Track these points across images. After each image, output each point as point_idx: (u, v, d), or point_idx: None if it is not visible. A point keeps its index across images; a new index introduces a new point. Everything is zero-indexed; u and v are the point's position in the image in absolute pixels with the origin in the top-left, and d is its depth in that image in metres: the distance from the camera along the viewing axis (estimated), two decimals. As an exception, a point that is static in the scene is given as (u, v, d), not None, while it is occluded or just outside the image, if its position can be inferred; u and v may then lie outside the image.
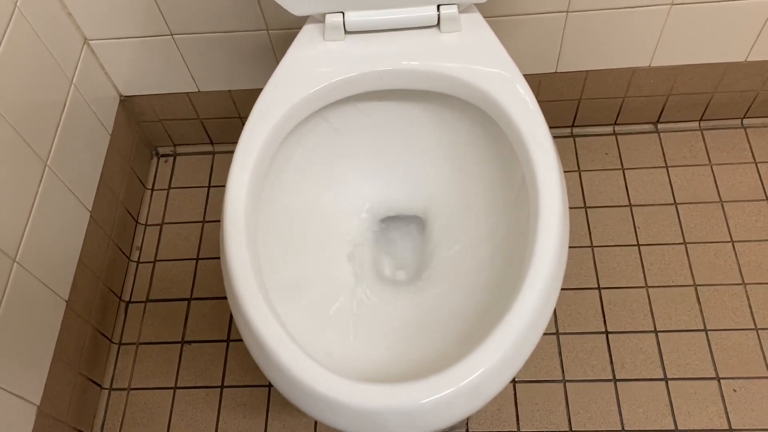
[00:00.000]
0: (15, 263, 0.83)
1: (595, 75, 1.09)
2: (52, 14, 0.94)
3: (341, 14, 0.77)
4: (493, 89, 0.74)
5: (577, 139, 1.20)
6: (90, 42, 1.03)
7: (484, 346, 0.60)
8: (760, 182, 1.12)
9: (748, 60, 1.06)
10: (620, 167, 1.16)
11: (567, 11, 0.97)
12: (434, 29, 0.78)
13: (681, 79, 1.09)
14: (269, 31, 1.01)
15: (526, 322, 0.61)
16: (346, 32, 0.79)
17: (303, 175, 0.82)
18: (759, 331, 1.00)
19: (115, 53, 1.05)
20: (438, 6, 0.76)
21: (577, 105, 1.15)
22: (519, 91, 0.74)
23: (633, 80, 1.10)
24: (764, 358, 0.98)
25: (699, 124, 1.18)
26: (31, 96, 0.89)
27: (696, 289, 1.04)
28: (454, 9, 0.77)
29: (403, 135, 0.84)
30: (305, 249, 0.81)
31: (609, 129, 1.20)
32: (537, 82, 1.10)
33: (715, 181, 1.13)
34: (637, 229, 1.10)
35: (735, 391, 0.96)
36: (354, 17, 0.77)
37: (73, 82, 0.99)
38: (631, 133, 1.19)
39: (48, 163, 0.92)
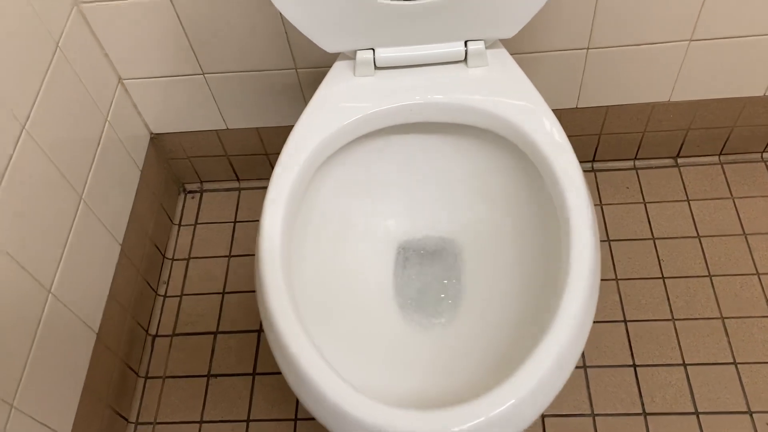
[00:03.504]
0: (50, 294, 0.85)
1: (615, 110, 1.11)
2: (90, 54, 0.98)
3: (371, 51, 0.80)
4: (521, 121, 0.76)
5: (598, 173, 1.21)
6: (124, 81, 1.07)
7: (515, 376, 0.60)
8: (783, 215, 1.12)
9: (766, 95, 1.07)
10: (642, 201, 1.17)
11: (587, 48, 1.00)
12: (461, 64, 0.81)
13: (700, 114, 1.11)
14: (297, 70, 1.04)
15: (557, 356, 0.61)
16: (376, 68, 0.81)
17: (335, 207, 0.83)
18: (789, 363, 0.99)
19: (147, 92, 1.09)
20: (465, 42, 0.79)
21: (597, 140, 1.17)
22: (546, 123, 0.76)
23: (653, 115, 1.12)
24: (796, 391, 0.97)
25: (719, 158, 1.20)
26: (69, 132, 0.92)
27: (723, 322, 1.03)
28: (481, 45, 0.79)
29: (433, 167, 0.86)
30: (337, 279, 0.82)
31: (630, 164, 1.21)
32: (557, 117, 1.12)
33: (738, 214, 1.13)
34: (661, 261, 1.10)
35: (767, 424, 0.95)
36: (384, 53, 0.80)
37: (108, 119, 1.03)
38: (651, 168, 1.20)
39: (83, 197, 0.94)
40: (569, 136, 1.15)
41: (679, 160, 1.21)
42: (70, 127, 0.92)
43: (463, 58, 0.80)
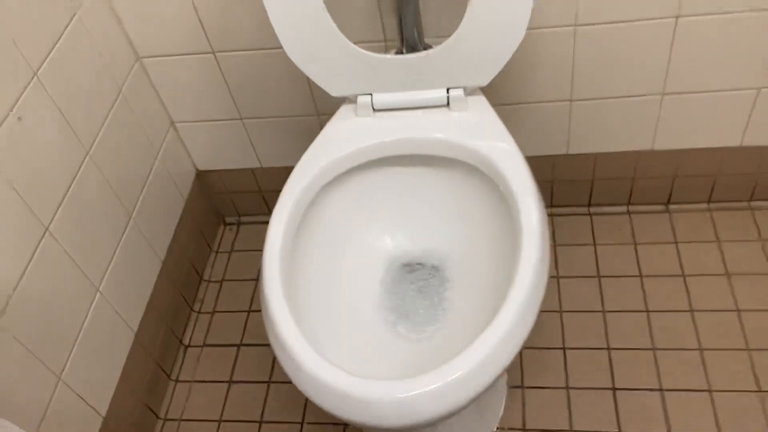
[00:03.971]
0: (98, 292, 1.02)
1: (604, 157, 1.23)
2: (147, 101, 1.18)
3: (370, 96, 0.96)
4: (492, 156, 0.89)
5: (594, 216, 1.32)
6: (176, 124, 1.26)
7: (461, 356, 0.71)
8: (765, 258, 1.20)
9: (743, 145, 1.17)
10: (633, 242, 1.27)
11: (570, 100, 1.13)
12: (445, 108, 0.96)
13: (684, 162, 1.21)
14: (319, 116, 1.22)
15: (501, 337, 0.72)
16: (375, 110, 0.97)
17: (336, 225, 0.98)
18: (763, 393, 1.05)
19: (194, 133, 1.28)
20: (447, 89, 0.94)
21: (591, 185, 1.28)
22: (513, 155, 0.89)
23: (640, 163, 1.22)
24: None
25: (708, 205, 1.29)
26: (126, 167, 1.11)
27: (702, 353, 1.10)
28: (460, 92, 0.94)
29: (421, 194, 0.99)
30: (333, 283, 0.95)
31: (623, 208, 1.31)
32: (551, 164, 1.24)
33: (723, 256, 1.21)
34: (646, 297, 1.19)
35: (738, 449, 1.00)
36: (380, 98, 0.95)
37: (159, 156, 1.22)
38: (643, 213, 1.30)
39: (133, 217, 1.12)
40: (564, 180, 1.28)
41: (670, 206, 1.30)
42: (127, 162, 1.11)
43: (446, 103, 0.95)
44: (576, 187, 1.29)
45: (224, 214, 1.46)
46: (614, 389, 1.09)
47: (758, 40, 1.03)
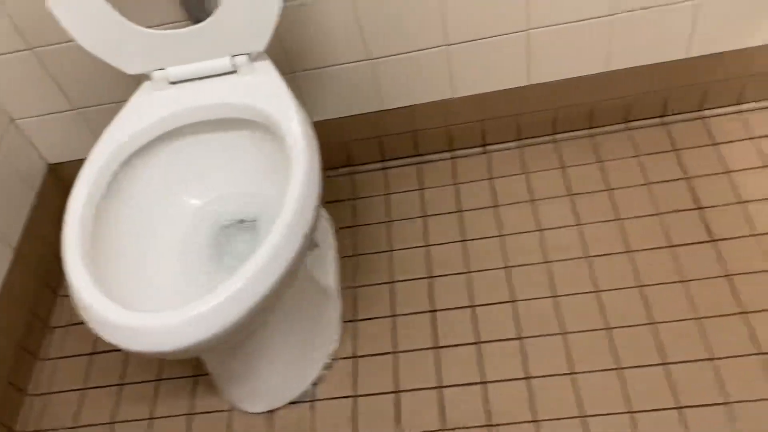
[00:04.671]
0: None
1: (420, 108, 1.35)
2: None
3: (163, 70, 1.05)
4: (272, 110, 1.00)
5: (422, 165, 1.45)
6: (16, 121, 1.34)
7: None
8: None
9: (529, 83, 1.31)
10: (454, 182, 1.40)
11: (370, 59, 1.25)
12: (235, 75, 1.06)
13: (485, 106, 1.35)
14: (149, 98, 1.30)
15: (253, 272, 0.83)
16: (171, 83, 1.06)
17: (144, 196, 1.07)
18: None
19: (39, 128, 1.35)
20: (232, 56, 1.04)
21: (414, 135, 1.41)
22: (289, 111, 1.00)
23: (449, 110, 1.35)
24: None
25: (517, 143, 1.43)
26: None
27: (507, 271, 1.24)
28: (244, 58, 1.04)
29: (223, 158, 1.10)
30: (144, 250, 1.05)
31: (447, 155, 1.44)
32: (371, 120, 1.36)
33: (528, 185, 1.36)
34: (464, 229, 1.32)
35: (535, 348, 1.14)
36: (173, 71, 1.05)
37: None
38: (462, 157, 1.43)
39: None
40: (389, 135, 1.39)
41: (487, 148, 1.44)
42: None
43: (232, 69, 1.05)
44: (401, 140, 1.41)
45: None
46: (434, 311, 1.22)
47: (516, -13, 1.16)
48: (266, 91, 1.03)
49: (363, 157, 1.45)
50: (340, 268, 1.31)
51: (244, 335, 0.95)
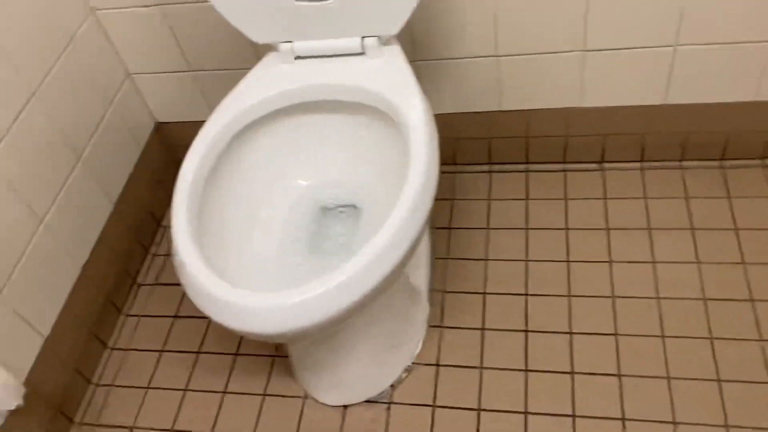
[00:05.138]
0: (42, 224, 1.10)
1: (537, 114, 1.27)
2: (101, 52, 1.26)
3: (291, 43, 1.02)
4: (395, 98, 0.95)
5: (530, 174, 1.37)
6: (132, 75, 1.34)
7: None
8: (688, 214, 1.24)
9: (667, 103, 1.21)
10: (564, 198, 1.32)
11: (496, 56, 1.18)
12: (362, 56, 1.01)
13: (614, 120, 1.26)
14: (264, 69, 1.28)
15: (367, 262, 0.79)
16: (296, 58, 1.03)
17: (254, 168, 1.04)
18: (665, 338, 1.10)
19: (151, 85, 1.35)
20: (363, 38, 1.00)
21: (526, 142, 1.33)
22: (414, 99, 0.94)
23: (570, 119, 1.27)
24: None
25: (640, 164, 1.33)
26: (75, 112, 1.19)
27: (614, 300, 1.16)
28: (374, 41, 0.99)
29: (336, 139, 1.06)
30: (249, 223, 1.02)
31: (559, 166, 1.36)
32: (488, 120, 1.30)
33: (647, 212, 1.26)
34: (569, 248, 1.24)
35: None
36: (300, 45, 1.02)
37: (113, 105, 1.29)
38: (576, 171, 1.35)
39: (82, 159, 1.20)
40: (500, 138, 1.33)
41: (604, 165, 1.35)
42: (76, 106, 1.19)
43: (361, 50, 1.00)
44: (513, 144, 1.34)
45: (186, 165, 1.53)
46: (527, 332, 1.15)
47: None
48: (392, 77, 0.98)
49: (469, 157, 1.39)
50: (432, 269, 1.26)
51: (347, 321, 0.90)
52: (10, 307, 1.03)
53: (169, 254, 1.40)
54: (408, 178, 0.85)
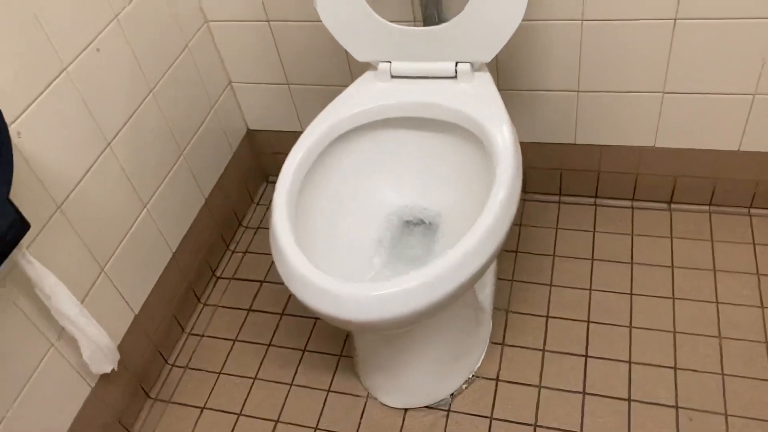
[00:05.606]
0: (145, 209, 1.20)
1: (609, 150, 1.32)
2: (209, 59, 1.37)
3: (389, 63, 1.10)
4: (485, 121, 1.02)
5: (598, 207, 1.41)
6: (233, 83, 1.45)
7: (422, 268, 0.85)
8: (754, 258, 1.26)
9: (740, 150, 1.24)
10: (630, 233, 1.35)
11: (577, 91, 1.24)
12: (453, 80, 1.09)
13: (685, 162, 1.29)
14: (355, 87, 1.37)
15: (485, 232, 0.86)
16: (392, 77, 1.11)
17: (346, 174, 1.12)
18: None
19: (248, 94, 1.46)
20: (456, 63, 1.07)
21: (597, 176, 1.38)
22: (503, 125, 1.01)
23: (642, 158, 1.31)
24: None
25: (708, 207, 1.36)
26: (183, 110, 1.30)
27: (674, 335, 1.18)
28: (467, 66, 1.07)
29: (422, 155, 1.13)
30: (336, 225, 1.10)
31: (627, 203, 1.40)
32: (560, 152, 1.35)
33: (713, 254, 1.29)
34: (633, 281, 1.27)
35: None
36: (398, 65, 1.10)
37: (214, 108, 1.40)
38: (645, 209, 1.39)
39: (184, 154, 1.31)
40: (571, 170, 1.39)
41: (672, 205, 1.38)
42: (184, 104, 1.30)
43: (454, 75, 1.08)
44: (583, 178, 1.39)
45: (268, 172, 1.63)
46: (586, 356, 1.18)
47: (754, 47, 1.11)
48: (483, 101, 1.05)
49: (539, 186, 1.45)
50: (496, 288, 1.31)
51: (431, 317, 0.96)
52: (111, 280, 1.13)
53: (247, 252, 1.49)
54: (492, 193, 0.92)
